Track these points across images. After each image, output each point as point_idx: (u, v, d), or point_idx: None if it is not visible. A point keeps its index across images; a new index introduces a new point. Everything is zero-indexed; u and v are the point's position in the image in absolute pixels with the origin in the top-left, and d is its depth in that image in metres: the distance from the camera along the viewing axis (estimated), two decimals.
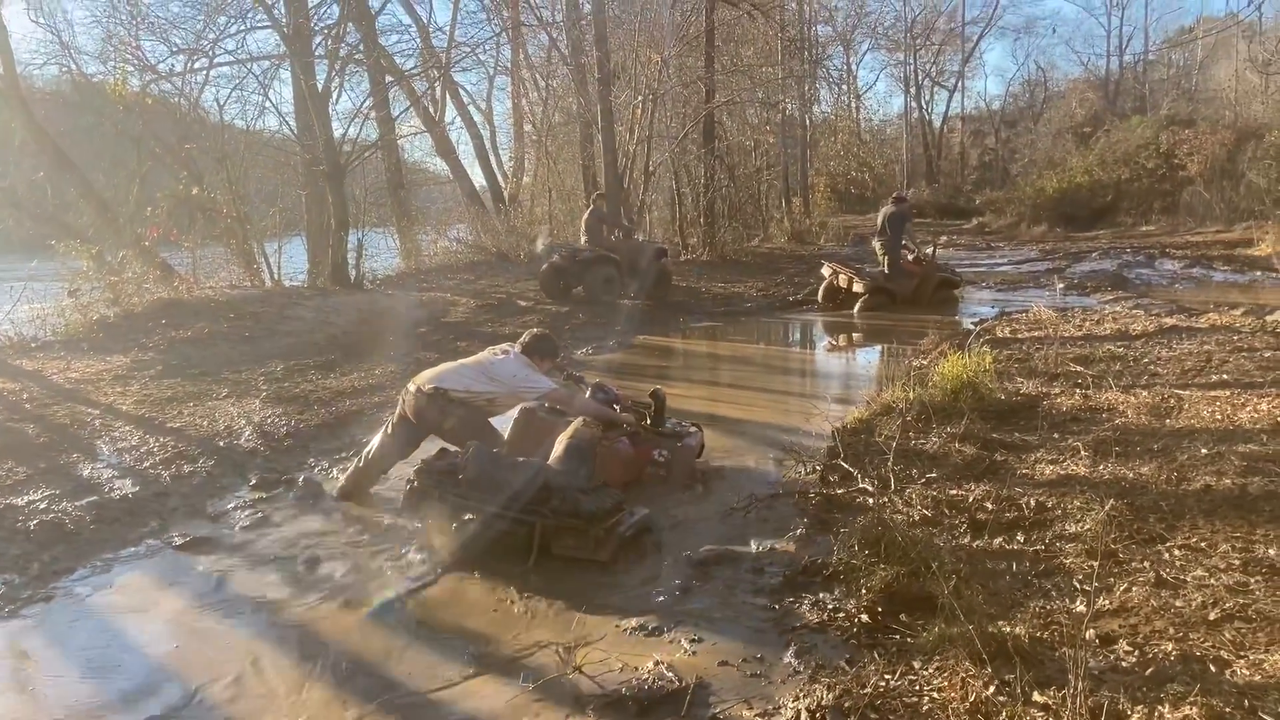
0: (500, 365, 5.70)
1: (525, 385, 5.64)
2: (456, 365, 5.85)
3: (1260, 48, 30.37)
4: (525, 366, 5.72)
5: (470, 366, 5.77)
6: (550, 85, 24.86)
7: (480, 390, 5.61)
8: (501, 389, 5.65)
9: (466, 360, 5.91)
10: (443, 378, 5.66)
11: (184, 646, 4.03)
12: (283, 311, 11.93)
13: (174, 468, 6.35)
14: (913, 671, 3.31)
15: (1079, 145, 35.61)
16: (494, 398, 5.68)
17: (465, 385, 5.61)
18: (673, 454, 5.94)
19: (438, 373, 5.74)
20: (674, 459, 5.92)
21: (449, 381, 5.62)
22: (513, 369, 5.68)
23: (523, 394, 5.68)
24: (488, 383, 5.63)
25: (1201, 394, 6.87)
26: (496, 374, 5.66)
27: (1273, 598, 3.54)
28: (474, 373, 5.68)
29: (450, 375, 5.70)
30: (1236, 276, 16.96)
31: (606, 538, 4.72)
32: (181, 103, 16.44)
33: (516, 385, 5.65)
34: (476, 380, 5.64)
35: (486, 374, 5.67)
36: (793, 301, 15.56)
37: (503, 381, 5.64)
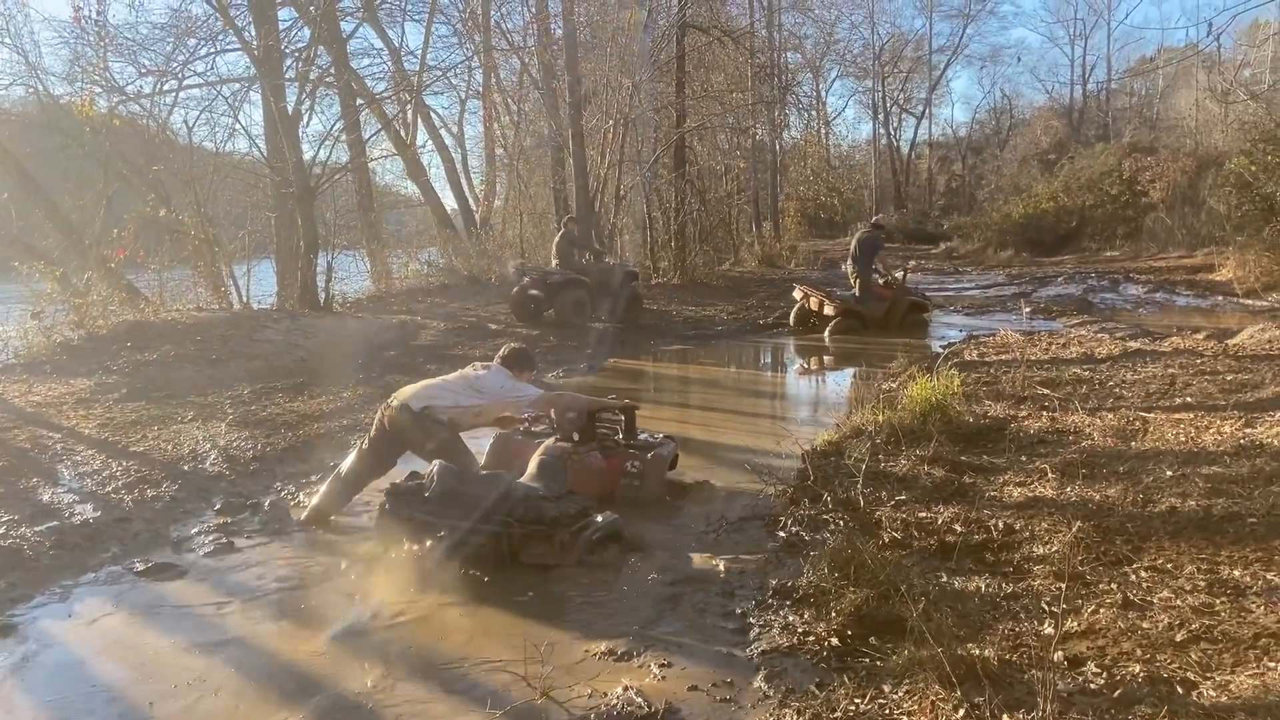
0: (485, 379, 5.72)
1: (514, 394, 5.66)
2: (439, 382, 5.79)
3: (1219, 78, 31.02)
4: (509, 378, 5.75)
5: (455, 382, 5.74)
6: (522, 109, 24.92)
7: (469, 404, 5.60)
8: (489, 399, 5.65)
9: (449, 377, 5.86)
10: (429, 396, 5.60)
11: (144, 674, 3.94)
12: (250, 334, 11.81)
13: (137, 492, 6.25)
14: (883, 695, 3.30)
15: (1044, 172, 36.18)
16: (481, 410, 5.69)
17: (454, 400, 5.58)
18: (645, 465, 5.93)
19: (422, 391, 5.65)
20: (646, 469, 5.92)
21: (436, 399, 5.58)
22: (499, 381, 5.71)
23: (512, 402, 5.67)
24: (475, 396, 5.63)
25: (1166, 416, 6.95)
26: (483, 387, 5.67)
27: (1238, 619, 3.57)
28: (460, 387, 5.67)
29: (437, 392, 5.64)
30: (1199, 301, 17.25)
31: (572, 541, 4.79)
32: (150, 124, 16.31)
33: (504, 395, 5.66)
34: (464, 395, 5.62)
35: (473, 387, 5.67)
36: (763, 325, 15.65)
37: (490, 393, 5.65)
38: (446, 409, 5.55)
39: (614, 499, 5.61)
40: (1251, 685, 3.06)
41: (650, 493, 5.91)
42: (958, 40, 48.56)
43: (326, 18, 16.13)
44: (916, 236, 36.67)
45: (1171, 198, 26.81)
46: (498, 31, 23.02)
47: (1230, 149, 21.91)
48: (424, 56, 22.30)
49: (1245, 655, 3.29)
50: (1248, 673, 3.16)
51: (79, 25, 15.37)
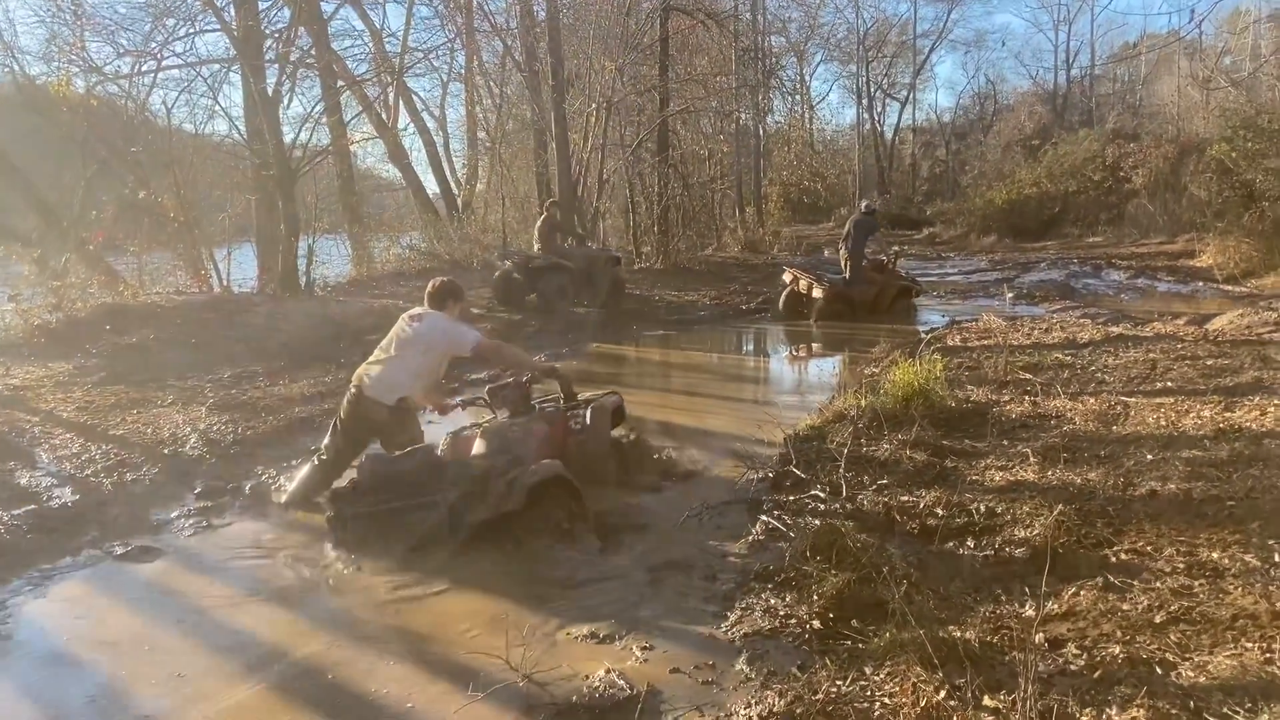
0: (426, 331, 5.59)
1: (457, 336, 5.57)
2: (396, 361, 5.60)
3: (1201, 65, 31.18)
4: (445, 320, 5.67)
5: (407, 354, 5.58)
6: (504, 92, 24.73)
7: (428, 370, 5.62)
8: (438, 351, 5.62)
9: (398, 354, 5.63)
10: (396, 384, 5.54)
11: (122, 657, 3.92)
12: (231, 318, 11.72)
13: (116, 476, 6.21)
14: (864, 677, 3.31)
15: (1027, 157, 36.21)
16: (439, 366, 5.74)
17: (413, 376, 5.56)
18: (590, 416, 5.93)
19: (387, 378, 5.56)
20: (592, 421, 5.92)
21: (403, 385, 5.54)
22: (438, 326, 5.60)
23: (456, 345, 5.58)
24: (426, 354, 5.58)
25: (1147, 401, 6.99)
26: (430, 341, 5.58)
27: (1216, 600, 3.60)
28: (413, 358, 5.57)
29: (399, 377, 5.55)
30: (1179, 287, 17.35)
31: (509, 490, 4.86)
32: (128, 105, 16.09)
33: (448, 340, 5.57)
34: (420, 363, 5.57)
35: (421, 349, 5.57)
36: (746, 310, 15.64)
37: (437, 344, 5.59)
38: (414, 388, 5.58)
39: (570, 461, 5.55)
40: (1229, 666, 3.09)
41: (600, 444, 5.92)
42: (942, 25, 48.45)
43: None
44: (900, 222, 36.60)
45: (1153, 184, 26.92)
46: (480, 13, 22.82)
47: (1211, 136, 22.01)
48: (405, 38, 22.14)
49: (1223, 636, 3.32)
50: (1225, 653, 3.19)
51: (55, 4, 15.13)
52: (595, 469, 5.83)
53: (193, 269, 14.67)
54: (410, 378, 5.54)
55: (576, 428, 5.92)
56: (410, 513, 4.90)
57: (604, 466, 5.94)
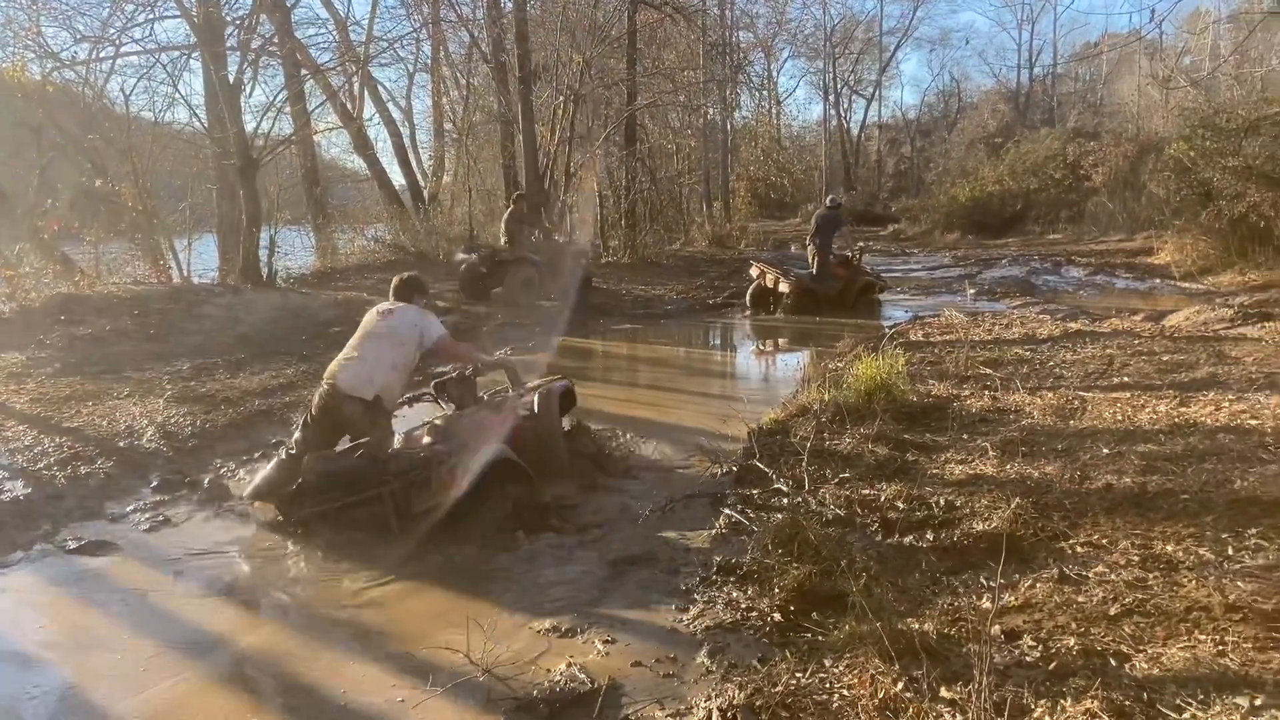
0: (399, 326, 5.56)
1: (426, 328, 5.57)
2: (372, 357, 5.48)
3: (1161, 65, 31.65)
4: (417, 312, 5.67)
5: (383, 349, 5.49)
6: (471, 83, 24.56)
7: (402, 364, 5.51)
8: (410, 345, 5.54)
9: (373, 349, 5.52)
10: (373, 380, 5.38)
11: (74, 653, 3.85)
12: (190, 309, 11.55)
13: (70, 469, 6.10)
14: (824, 669, 3.32)
15: (990, 155, 36.61)
16: (412, 362, 5.63)
17: (389, 371, 5.43)
18: (537, 402, 5.94)
19: (362, 373, 5.40)
20: (540, 406, 5.92)
21: (379, 381, 5.39)
22: (411, 319, 5.59)
23: (425, 336, 5.57)
24: (400, 349, 5.50)
25: (1104, 396, 7.08)
26: (403, 336, 5.53)
27: (1170, 593, 3.65)
28: (387, 351, 5.48)
29: (375, 372, 5.41)
30: (1137, 284, 17.60)
31: (453, 475, 4.85)
32: (86, 92, 15.81)
33: (420, 331, 5.56)
34: (396, 357, 5.49)
35: (394, 342, 5.51)
36: (712, 304, 15.67)
37: (409, 337, 5.53)
38: (391, 384, 5.46)
39: (523, 449, 5.51)
40: (1182, 658, 3.13)
41: (550, 429, 5.92)
42: (908, 23, 48.92)
43: None
44: (865, 218, 36.86)
45: (1113, 182, 27.29)
46: (446, 3, 22.61)
47: (1170, 135, 22.31)
48: (370, 27, 21.93)
49: (1177, 628, 3.36)
50: (1179, 645, 3.23)
51: None
52: (548, 456, 5.83)
53: (151, 259, 14.43)
54: (386, 371, 5.42)
55: (524, 414, 5.88)
56: (357, 508, 4.87)
57: (557, 453, 5.94)
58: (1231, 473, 4.95)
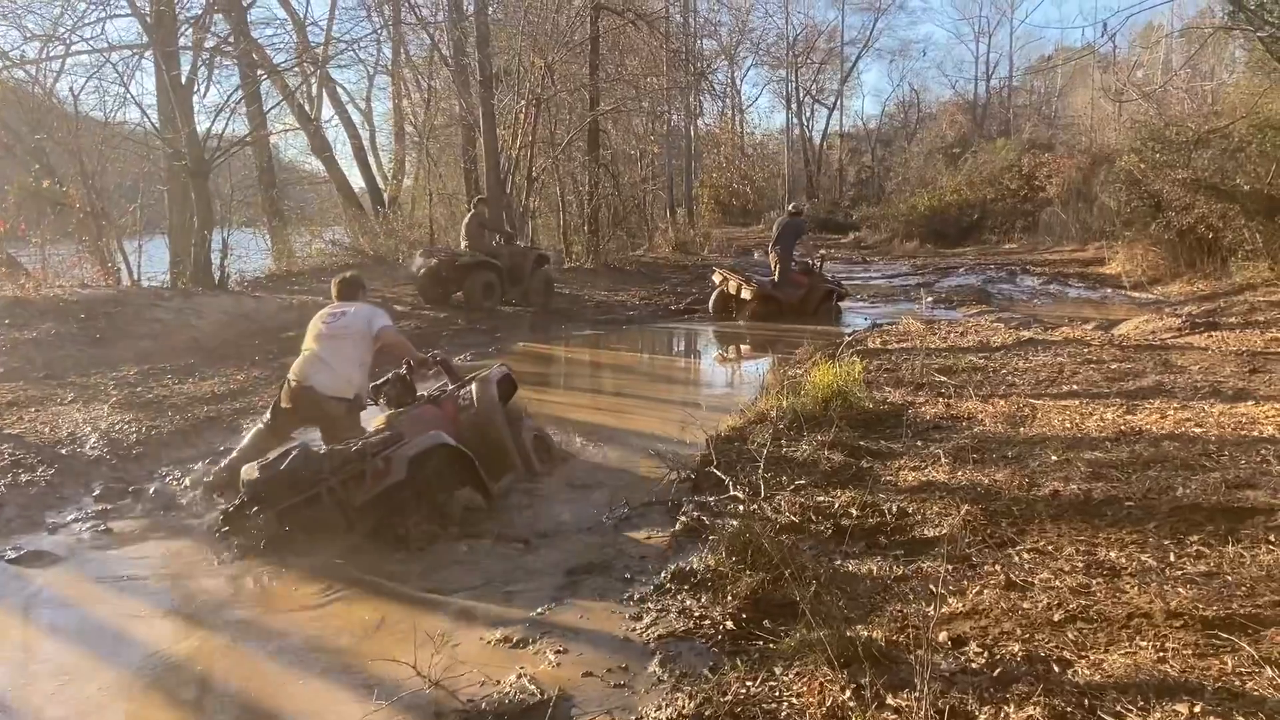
0: (355, 323, 5.78)
1: (373, 318, 5.84)
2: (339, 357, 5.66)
3: (1113, 78, 32.22)
4: (367, 306, 5.99)
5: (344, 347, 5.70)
6: (432, 86, 24.40)
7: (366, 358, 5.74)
8: (367, 338, 5.76)
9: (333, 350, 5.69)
10: (350, 379, 5.63)
11: (9, 665, 3.75)
12: (139, 313, 11.33)
13: (10, 477, 5.96)
14: (773, 677, 3.32)
15: (949, 165, 37.03)
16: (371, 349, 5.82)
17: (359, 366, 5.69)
18: (475, 391, 6.08)
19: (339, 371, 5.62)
20: (478, 394, 6.06)
21: (356, 377, 5.65)
22: (366, 315, 5.85)
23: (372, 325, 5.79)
24: (362, 344, 5.73)
25: (1053, 403, 7.18)
26: (361, 331, 5.75)
27: (1113, 599, 3.69)
28: (351, 349, 5.69)
29: (348, 369, 5.64)
30: (1089, 293, 17.90)
31: (388, 465, 4.85)
32: (34, 91, 15.48)
33: (368, 322, 5.80)
34: (361, 352, 5.72)
35: (354, 339, 5.72)
36: (675, 310, 15.70)
37: (366, 332, 5.76)
38: (363, 380, 5.75)
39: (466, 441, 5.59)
40: (1124, 664, 3.17)
41: (489, 416, 5.99)
42: (869, 33, 49.39)
43: None
44: (827, 226, 37.13)
45: (1066, 193, 27.74)
46: (406, 4, 22.45)
47: (1122, 147, 22.71)
48: (329, 27, 21.64)
49: (1119, 635, 3.40)
50: (1120, 651, 3.27)
51: None
52: (492, 446, 5.89)
53: (100, 261, 14.14)
54: (356, 369, 5.67)
55: (465, 403, 6.02)
56: (300, 509, 4.84)
57: (500, 440, 5.99)
58: (1175, 480, 5.04)
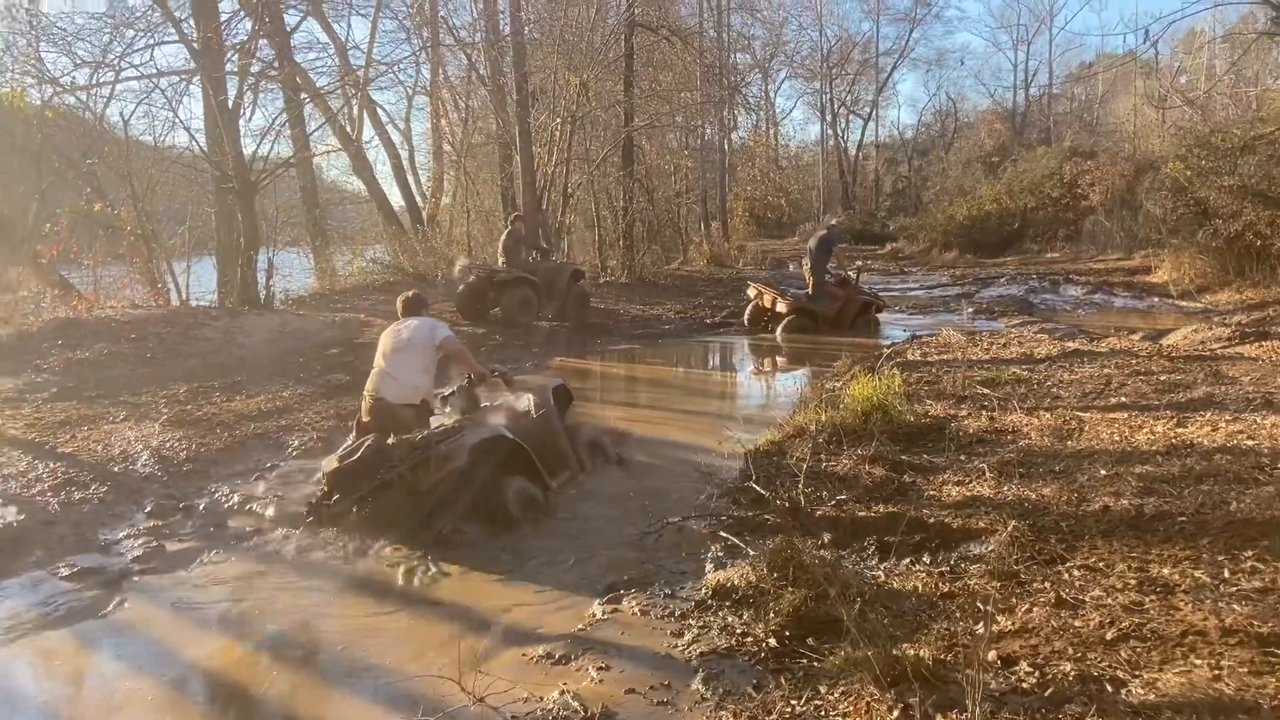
0: (419, 338, 6.15)
1: (435, 329, 6.23)
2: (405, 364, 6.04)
3: (1156, 84, 31.78)
4: (430, 320, 6.38)
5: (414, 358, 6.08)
6: (469, 105, 24.65)
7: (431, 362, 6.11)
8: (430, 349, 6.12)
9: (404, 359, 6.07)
10: (418, 386, 6.03)
11: (65, 681, 3.82)
12: (188, 332, 11.54)
13: (63, 494, 6.08)
14: (819, 696, 3.30)
15: (988, 174, 36.67)
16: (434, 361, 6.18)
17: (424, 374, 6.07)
18: (534, 398, 6.48)
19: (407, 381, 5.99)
20: (536, 402, 6.43)
21: (423, 385, 6.07)
22: (428, 328, 6.22)
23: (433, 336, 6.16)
24: (427, 354, 6.10)
25: (1101, 416, 7.06)
26: (424, 342, 6.12)
27: (1166, 617, 3.62)
28: (418, 359, 6.07)
29: (419, 379, 6.04)
30: (1135, 302, 17.62)
31: (451, 452, 5.28)
32: (86, 117, 15.88)
33: (431, 333, 6.18)
34: (428, 362, 6.09)
35: (419, 351, 6.08)
36: (710, 324, 15.67)
37: (428, 344, 6.12)
38: (428, 386, 6.15)
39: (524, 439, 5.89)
40: (1179, 683, 3.11)
41: (549, 425, 6.38)
42: (904, 43, 49.07)
43: (269, 10, 15.83)
44: (863, 237, 36.93)
45: (1110, 201, 27.33)
46: (445, 27, 22.76)
47: (1166, 154, 22.36)
48: (370, 51, 21.94)
49: (1173, 653, 3.34)
50: (1175, 670, 3.20)
51: (10, 14, 14.90)
52: (549, 449, 6.22)
53: (149, 282, 14.43)
54: (420, 376, 6.06)
55: (524, 411, 6.36)
56: (374, 497, 5.29)
57: (557, 444, 6.38)
58: (1228, 494, 4.93)
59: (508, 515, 5.49)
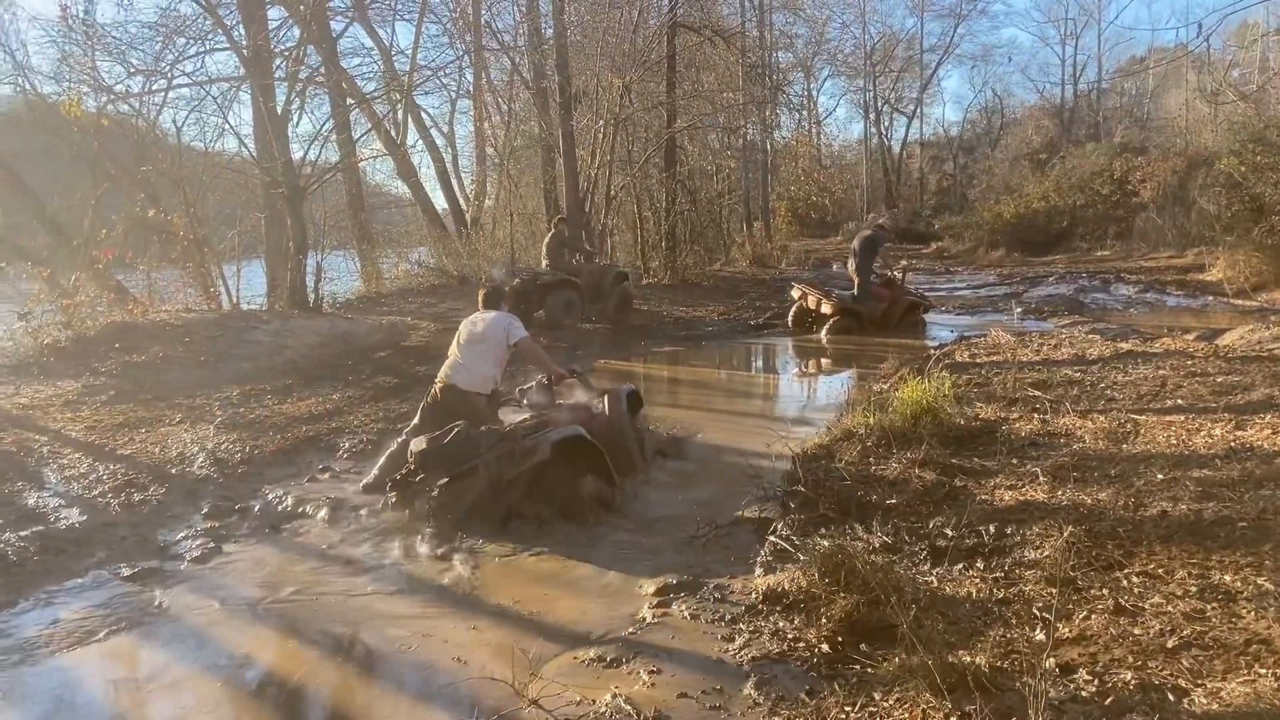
0: (493, 330, 6.59)
1: (510, 327, 6.60)
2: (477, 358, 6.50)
3: (1209, 78, 31.11)
4: (505, 316, 6.71)
5: (487, 350, 6.53)
6: (512, 109, 24.83)
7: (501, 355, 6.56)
8: (504, 342, 6.56)
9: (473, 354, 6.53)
10: (487, 376, 6.47)
11: (127, 681, 3.91)
12: (240, 335, 11.75)
13: (123, 496, 6.21)
14: (873, 703, 3.28)
15: (1035, 171, 36.17)
16: (506, 355, 6.64)
17: (495, 365, 6.51)
18: (608, 402, 6.66)
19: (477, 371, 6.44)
20: (610, 406, 6.63)
21: (492, 375, 6.49)
22: (501, 321, 6.63)
23: (510, 334, 6.57)
24: (498, 348, 6.54)
25: (1157, 419, 6.94)
26: (497, 335, 6.55)
27: (1229, 625, 3.56)
28: (491, 350, 6.52)
29: (489, 370, 6.48)
30: (1189, 301, 17.27)
31: (534, 446, 5.58)
32: (139, 124, 16.19)
33: (506, 330, 6.58)
34: (498, 353, 6.54)
35: (491, 343, 6.52)
36: (754, 325, 15.62)
37: (499, 335, 6.55)
38: (497, 377, 6.55)
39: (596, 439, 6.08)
40: (1243, 693, 3.05)
41: (620, 426, 6.56)
42: (949, 40, 48.45)
43: (316, 17, 16.03)
44: (908, 236, 36.55)
45: (1162, 198, 26.83)
46: (488, 31, 22.90)
47: (1220, 149, 21.88)
48: (414, 56, 22.14)
49: (1236, 662, 3.28)
50: (1239, 679, 3.15)
51: (66, 24, 15.21)
52: (618, 450, 6.38)
53: (202, 286, 14.71)
54: (491, 367, 6.50)
55: (597, 413, 6.58)
56: (458, 481, 5.58)
57: (627, 446, 6.55)
58: None
59: (581, 510, 5.71)
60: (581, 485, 5.80)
